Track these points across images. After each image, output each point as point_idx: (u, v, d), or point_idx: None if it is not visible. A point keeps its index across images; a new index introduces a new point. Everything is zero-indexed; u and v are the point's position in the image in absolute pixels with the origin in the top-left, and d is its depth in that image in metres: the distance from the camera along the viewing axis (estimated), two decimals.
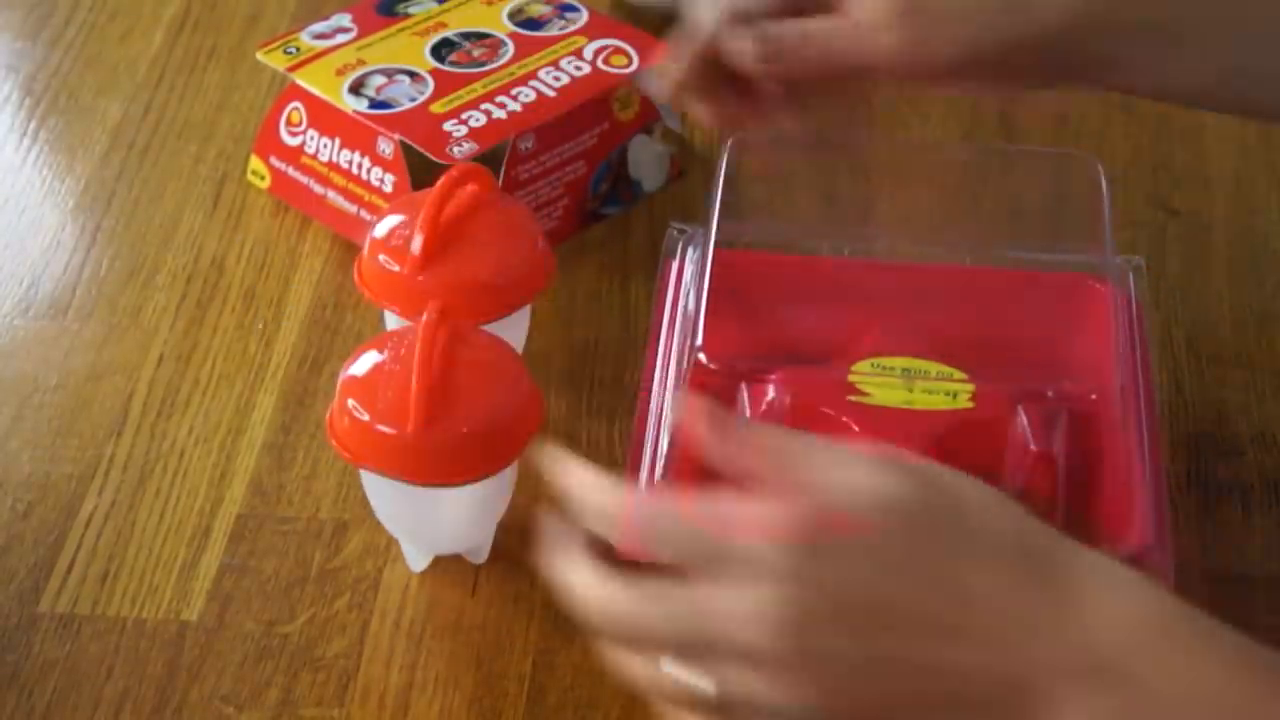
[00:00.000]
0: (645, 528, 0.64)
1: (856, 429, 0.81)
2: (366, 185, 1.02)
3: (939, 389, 0.82)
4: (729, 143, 0.92)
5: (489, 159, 0.98)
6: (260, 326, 1.00)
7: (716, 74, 0.84)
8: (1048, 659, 0.61)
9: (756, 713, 0.63)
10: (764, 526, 0.62)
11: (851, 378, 0.84)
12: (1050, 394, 0.82)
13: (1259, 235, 1.06)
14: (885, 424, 0.81)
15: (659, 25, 1.19)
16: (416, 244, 0.88)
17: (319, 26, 1.07)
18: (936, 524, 0.63)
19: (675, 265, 0.93)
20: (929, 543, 0.63)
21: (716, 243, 0.88)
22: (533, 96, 1.02)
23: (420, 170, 0.99)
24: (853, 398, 0.83)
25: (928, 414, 0.82)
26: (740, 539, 0.62)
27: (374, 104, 1.01)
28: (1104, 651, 0.61)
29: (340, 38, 1.06)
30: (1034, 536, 0.63)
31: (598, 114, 1.04)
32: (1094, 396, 0.83)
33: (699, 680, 0.63)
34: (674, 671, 0.64)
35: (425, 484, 0.81)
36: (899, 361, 0.85)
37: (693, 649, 0.63)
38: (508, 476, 0.85)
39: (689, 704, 0.64)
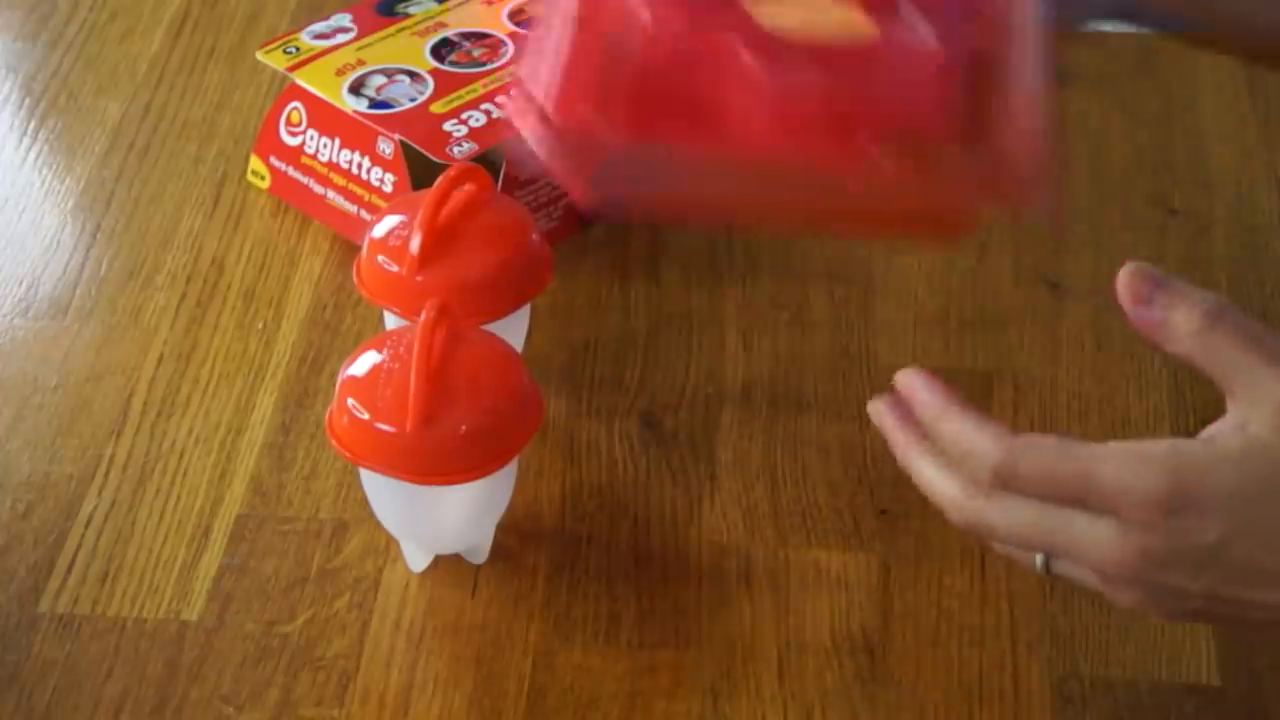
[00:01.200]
0: (1019, 455, 0.71)
1: (749, 57, 0.76)
2: (366, 185, 1.02)
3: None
4: None
5: (489, 159, 0.98)
6: (260, 326, 1.00)
7: None
8: None
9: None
10: (1127, 493, 0.69)
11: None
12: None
13: (1259, 235, 1.06)
14: (783, 52, 0.76)
15: None
16: (415, 244, 0.88)
17: (319, 26, 1.07)
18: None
19: None
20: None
21: None
22: None
23: (420, 170, 0.99)
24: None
25: (829, 41, 0.77)
26: (1109, 499, 0.69)
27: (374, 104, 1.01)
28: None
29: (340, 38, 1.06)
30: None
31: None
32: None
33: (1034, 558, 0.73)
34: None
35: (425, 483, 0.81)
36: None
37: (1042, 549, 0.72)
38: (507, 476, 0.85)
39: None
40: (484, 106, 1.01)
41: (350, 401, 0.82)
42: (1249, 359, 0.72)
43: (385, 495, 0.84)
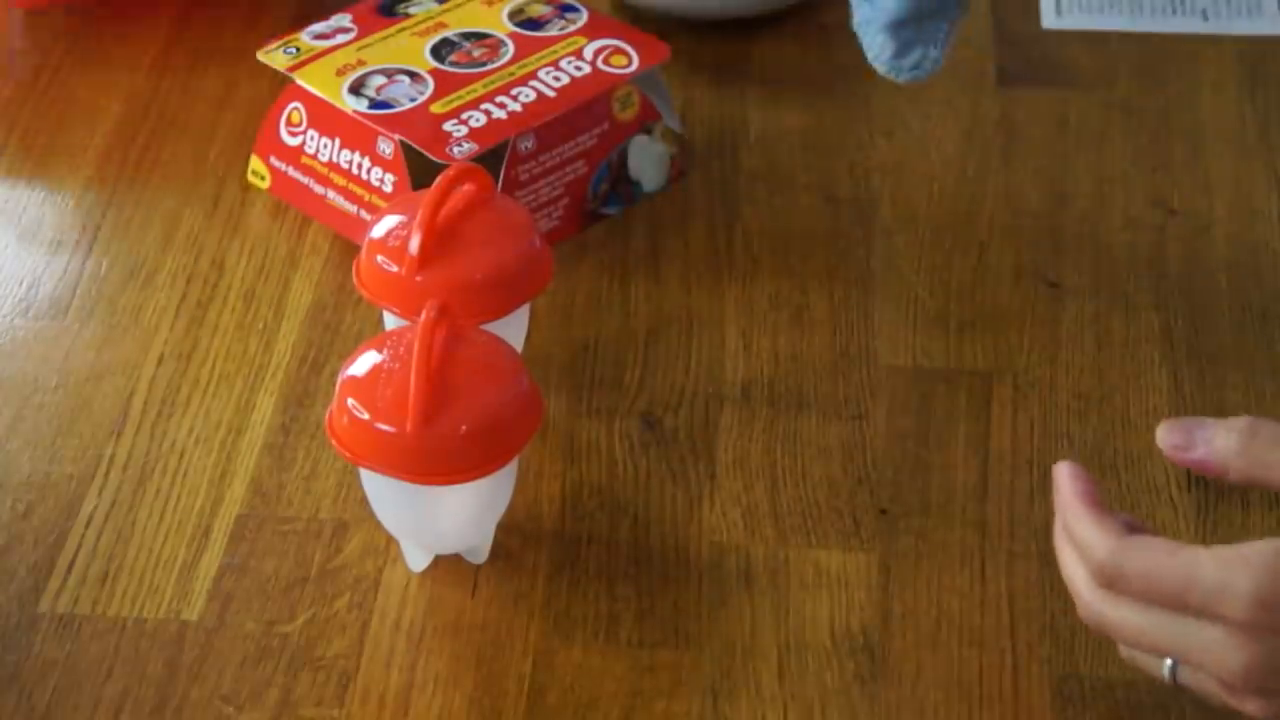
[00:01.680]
0: (1124, 554, 0.74)
1: None
2: (366, 185, 1.02)
3: None
4: None
5: (489, 159, 0.98)
6: (260, 326, 1.00)
7: None
8: None
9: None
10: (1238, 593, 0.71)
11: None
12: None
13: (1259, 235, 1.06)
14: None
15: (659, 25, 1.19)
16: (414, 244, 0.88)
17: (319, 27, 1.07)
18: None
19: None
20: None
21: None
22: (533, 97, 1.02)
23: (420, 170, 0.99)
24: None
25: None
26: (1213, 602, 0.71)
27: (374, 104, 1.01)
28: None
29: (340, 38, 1.06)
30: None
31: (597, 114, 1.04)
32: None
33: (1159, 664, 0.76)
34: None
35: (425, 483, 0.81)
36: None
37: (1158, 653, 0.75)
38: (507, 476, 0.85)
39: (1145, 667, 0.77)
40: (484, 107, 1.01)
41: (350, 401, 0.82)
42: None
43: (385, 495, 0.84)
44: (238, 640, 0.84)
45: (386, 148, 1.01)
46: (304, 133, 1.05)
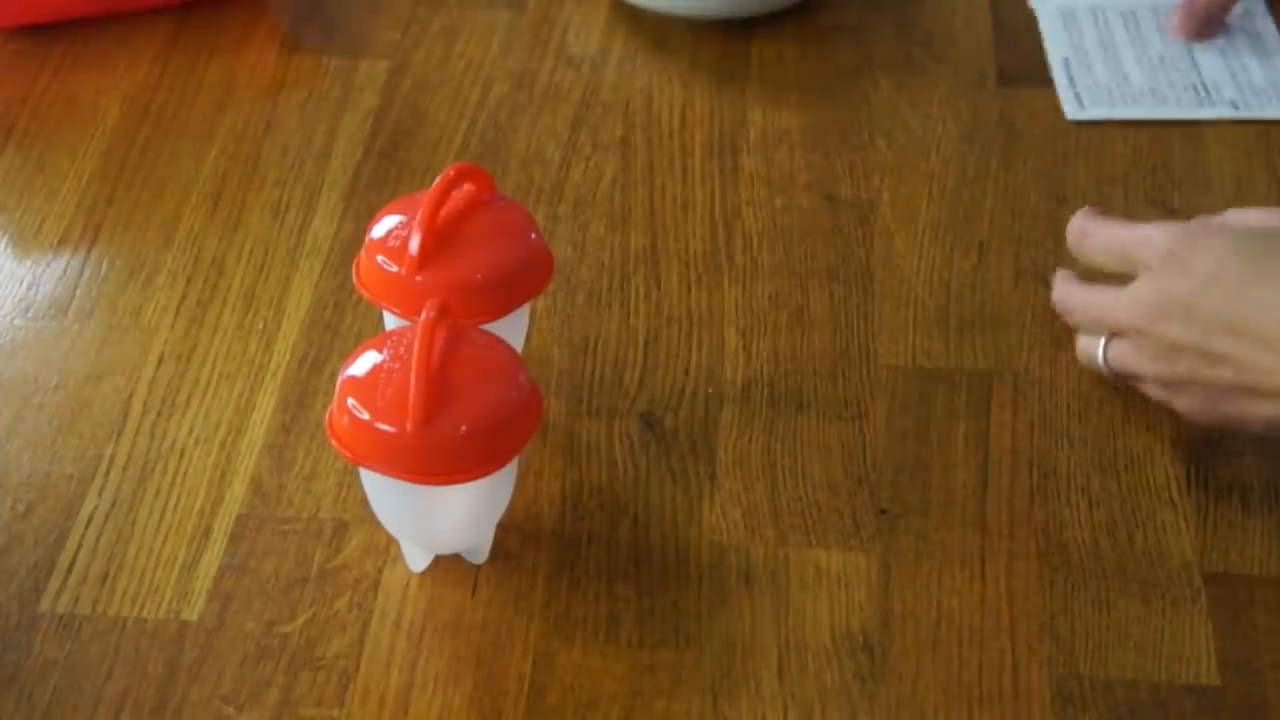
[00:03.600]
0: (1083, 239, 0.94)
1: None
2: None
3: None
4: None
5: None
6: (260, 326, 1.00)
7: None
8: None
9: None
10: (1149, 241, 0.90)
11: None
12: None
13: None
14: None
15: (659, 25, 1.19)
16: (414, 244, 0.88)
17: None
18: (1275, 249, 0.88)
19: None
20: (1269, 266, 0.86)
21: None
22: None
23: None
24: None
25: None
26: (1138, 251, 0.90)
27: None
28: None
29: None
30: None
31: None
32: None
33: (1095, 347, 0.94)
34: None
35: (425, 483, 0.81)
36: None
37: (1101, 329, 0.94)
38: (507, 476, 0.85)
39: (1093, 365, 0.95)
40: None
41: (350, 401, 0.82)
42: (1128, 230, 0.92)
43: (385, 495, 0.84)
44: (238, 640, 0.84)
45: None
46: None
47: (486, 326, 0.87)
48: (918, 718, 0.82)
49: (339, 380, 0.83)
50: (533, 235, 0.91)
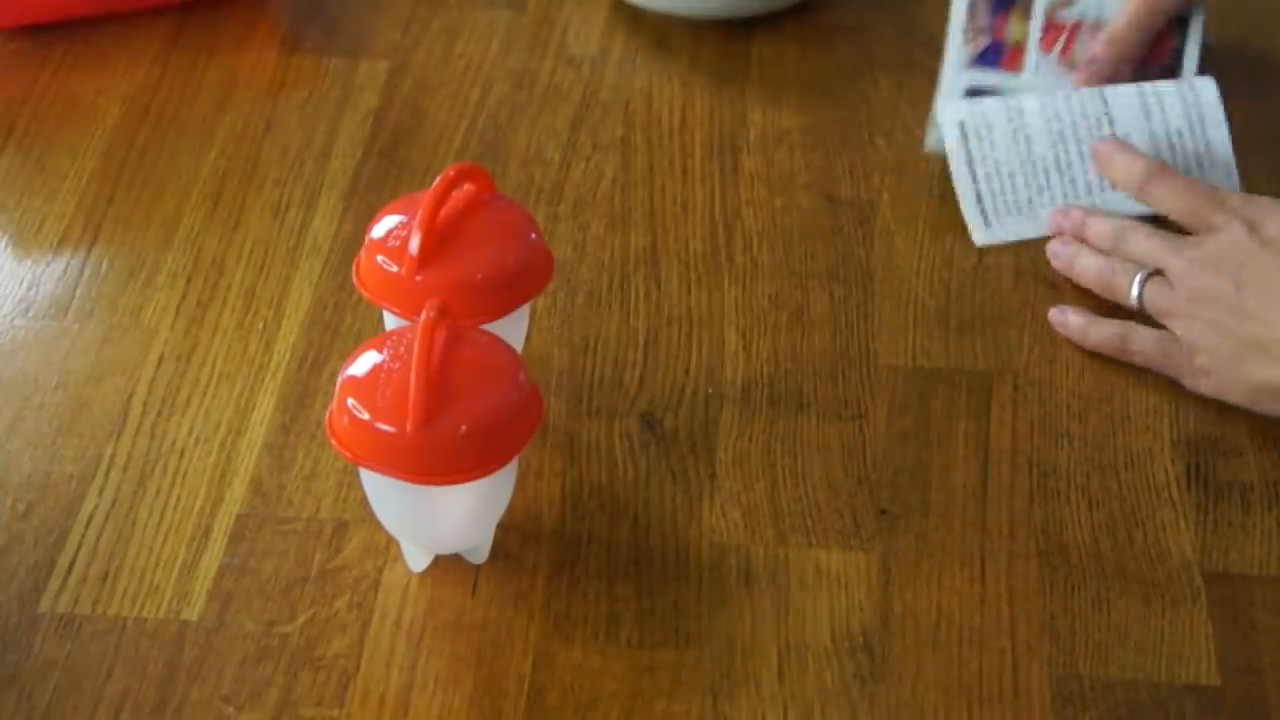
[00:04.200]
0: (1161, 178, 1.00)
1: None
2: None
3: None
4: None
5: None
6: (260, 326, 1.00)
7: None
8: None
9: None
10: (1232, 201, 0.98)
11: None
12: None
13: None
14: None
15: (659, 25, 1.19)
16: (414, 244, 0.88)
17: None
18: None
19: None
20: None
21: None
22: None
23: None
24: None
25: None
26: (1216, 208, 0.97)
27: None
28: None
29: None
30: None
31: None
32: None
33: (1130, 279, 0.98)
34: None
35: (425, 483, 0.81)
36: None
37: (1151, 259, 0.98)
38: (507, 476, 0.85)
39: (1112, 292, 1.00)
40: None
41: (350, 401, 0.82)
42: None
43: (385, 495, 0.84)
44: (238, 640, 0.84)
45: None
46: None
47: (486, 326, 0.87)
48: (918, 718, 0.82)
49: (339, 380, 0.83)
50: (533, 235, 0.91)
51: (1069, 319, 0.99)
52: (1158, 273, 0.97)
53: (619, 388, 0.97)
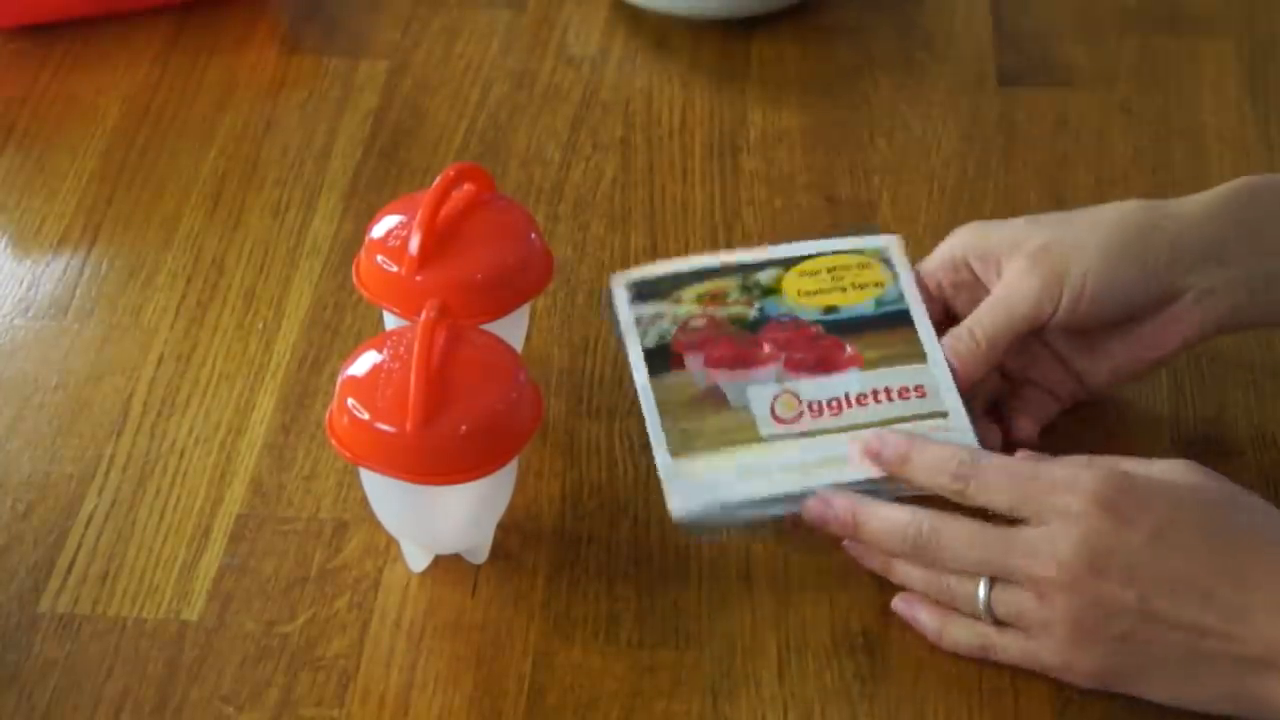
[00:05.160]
0: (974, 474, 0.82)
1: None
2: None
3: None
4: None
5: None
6: (260, 326, 1.00)
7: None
8: None
9: (1015, 624, 0.81)
10: (1074, 485, 0.79)
11: None
12: None
13: None
14: None
15: (659, 25, 1.19)
16: (414, 244, 0.88)
17: None
18: (1226, 510, 0.79)
19: None
20: (1219, 525, 0.79)
21: None
22: None
23: None
24: None
25: None
26: (1053, 494, 0.79)
27: None
28: None
29: None
30: None
31: None
32: None
33: (973, 589, 0.81)
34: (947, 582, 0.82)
35: (425, 483, 0.81)
36: None
37: (985, 570, 0.81)
38: (507, 476, 0.85)
39: (951, 603, 0.83)
40: None
41: (350, 401, 0.82)
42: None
43: (385, 495, 0.84)
44: (238, 640, 0.84)
45: None
46: None
47: (486, 326, 0.87)
48: (918, 718, 0.82)
49: (339, 380, 0.83)
50: (533, 235, 0.91)
51: (919, 615, 0.84)
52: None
53: (619, 388, 0.96)
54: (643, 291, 0.92)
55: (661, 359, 0.90)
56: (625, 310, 0.92)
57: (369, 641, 0.85)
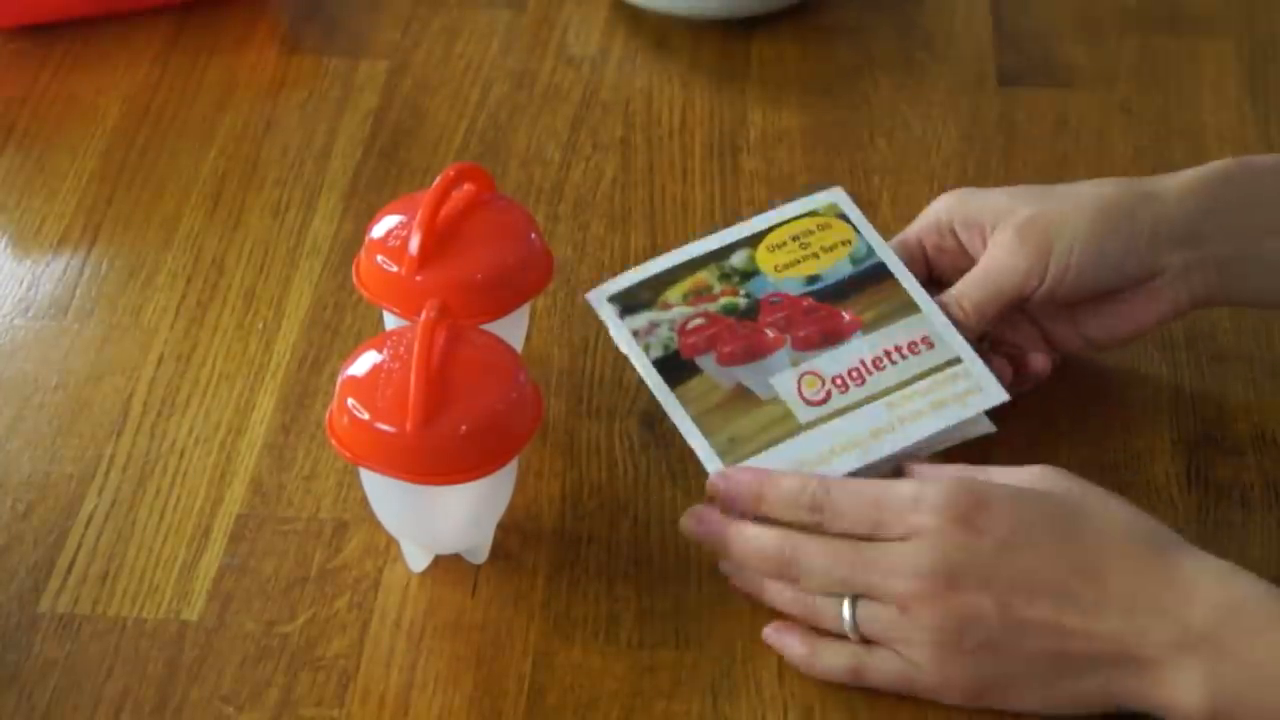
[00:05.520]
0: (826, 503, 0.82)
1: None
2: None
3: None
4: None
5: None
6: (260, 326, 1.00)
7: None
8: (1157, 631, 0.77)
9: (882, 639, 0.81)
10: (922, 502, 0.80)
11: None
12: None
13: None
14: None
15: (659, 25, 1.19)
16: (414, 244, 0.88)
17: None
18: (1078, 512, 0.80)
19: None
20: (1071, 527, 0.79)
21: None
22: None
23: None
24: None
25: None
26: (905, 513, 0.80)
27: None
28: (1202, 627, 0.76)
29: None
30: (1152, 530, 0.80)
31: None
32: None
33: (838, 608, 0.81)
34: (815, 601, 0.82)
35: (425, 483, 0.81)
36: None
37: (848, 588, 0.81)
38: (507, 476, 0.85)
39: (819, 623, 0.82)
40: None
41: (350, 401, 0.82)
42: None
43: (385, 495, 0.84)
44: (238, 640, 0.84)
45: None
46: None
47: (486, 326, 0.87)
48: (918, 717, 0.82)
49: (339, 380, 0.83)
50: (533, 235, 0.91)
51: (787, 644, 0.83)
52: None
53: (619, 388, 0.96)
54: (628, 304, 0.92)
55: (675, 367, 0.90)
56: (618, 326, 0.91)
57: (369, 641, 0.85)
